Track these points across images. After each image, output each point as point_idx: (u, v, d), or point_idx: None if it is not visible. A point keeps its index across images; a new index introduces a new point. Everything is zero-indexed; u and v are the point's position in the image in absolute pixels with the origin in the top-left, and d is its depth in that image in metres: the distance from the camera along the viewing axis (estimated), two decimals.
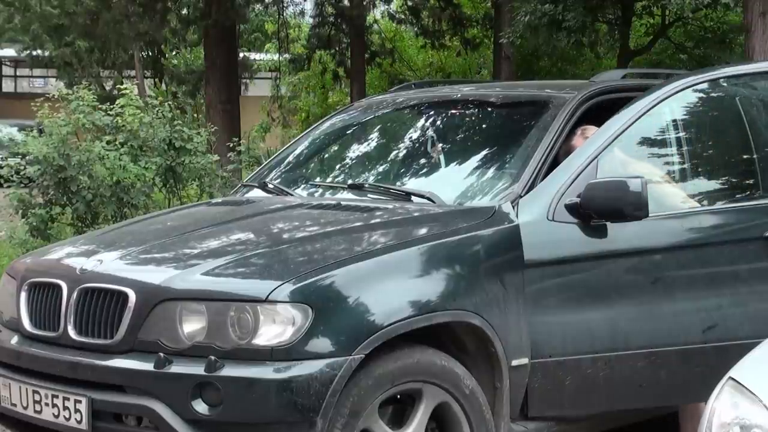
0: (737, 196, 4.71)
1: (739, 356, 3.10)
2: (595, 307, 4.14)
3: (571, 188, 4.13)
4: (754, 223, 4.51)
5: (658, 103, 4.46)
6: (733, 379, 2.90)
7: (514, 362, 3.93)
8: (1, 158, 18.62)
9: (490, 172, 4.54)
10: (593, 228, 4.16)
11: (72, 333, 3.82)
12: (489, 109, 5.05)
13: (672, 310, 4.27)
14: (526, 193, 4.14)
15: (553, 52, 17.45)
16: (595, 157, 4.22)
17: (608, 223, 4.16)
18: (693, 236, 4.44)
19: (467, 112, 5.13)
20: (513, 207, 4.09)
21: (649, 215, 4.09)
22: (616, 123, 4.35)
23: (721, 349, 4.28)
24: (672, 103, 4.54)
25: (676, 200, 4.52)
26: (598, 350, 4.12)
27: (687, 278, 4.37)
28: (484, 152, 4.73)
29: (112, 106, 9.67)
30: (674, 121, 4.58)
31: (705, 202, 4.57)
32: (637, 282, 4.26)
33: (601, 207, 4.08)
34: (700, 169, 4.68)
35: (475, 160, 4.66)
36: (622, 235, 4.20)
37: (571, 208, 4.11)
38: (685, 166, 4.64)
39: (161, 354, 3.56)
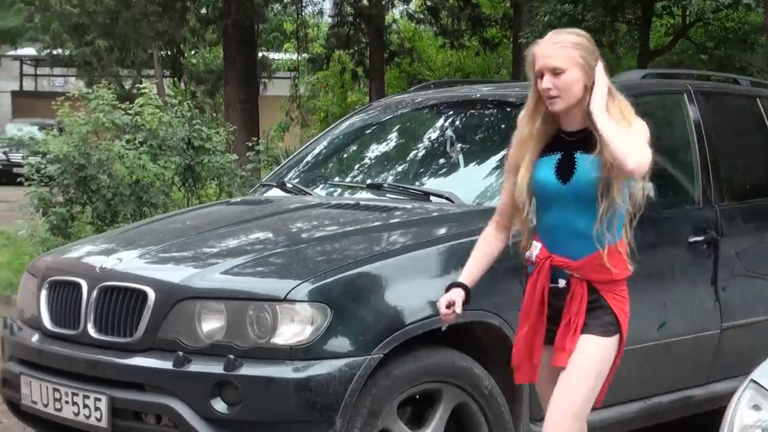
0: None
1: None
2: None
3: None
4: None
5: None
6: (755, 381, 2.88)
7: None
8: (22, 157, 18.72)
9: None
10: None
11: (92, 331, 3.84)
12: (508, 108, 5.02)
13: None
14: None
15: None
16: None
17: None
18: None
19: (486, 112, 5.12)
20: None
21: None
22: None
23: None
24: None
25: None
26: None
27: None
28: (502, 152, 4.69)
29: (131, 105, 9.69)
30: None
31: None
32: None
33: None
34: None
35: (494, 160, 4.64)
36: None
37: None
38: None
39: (180, 353, 3.57)
